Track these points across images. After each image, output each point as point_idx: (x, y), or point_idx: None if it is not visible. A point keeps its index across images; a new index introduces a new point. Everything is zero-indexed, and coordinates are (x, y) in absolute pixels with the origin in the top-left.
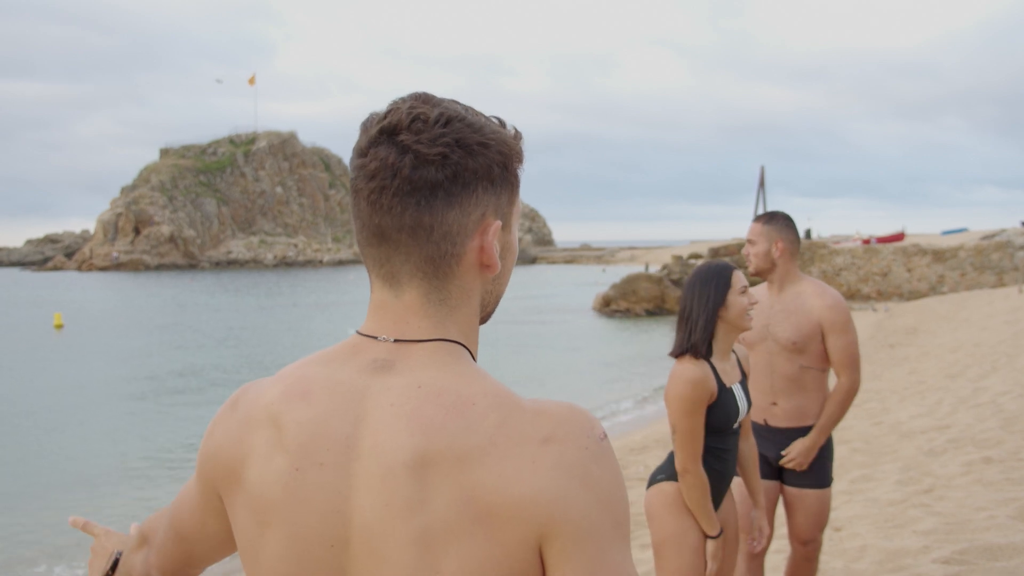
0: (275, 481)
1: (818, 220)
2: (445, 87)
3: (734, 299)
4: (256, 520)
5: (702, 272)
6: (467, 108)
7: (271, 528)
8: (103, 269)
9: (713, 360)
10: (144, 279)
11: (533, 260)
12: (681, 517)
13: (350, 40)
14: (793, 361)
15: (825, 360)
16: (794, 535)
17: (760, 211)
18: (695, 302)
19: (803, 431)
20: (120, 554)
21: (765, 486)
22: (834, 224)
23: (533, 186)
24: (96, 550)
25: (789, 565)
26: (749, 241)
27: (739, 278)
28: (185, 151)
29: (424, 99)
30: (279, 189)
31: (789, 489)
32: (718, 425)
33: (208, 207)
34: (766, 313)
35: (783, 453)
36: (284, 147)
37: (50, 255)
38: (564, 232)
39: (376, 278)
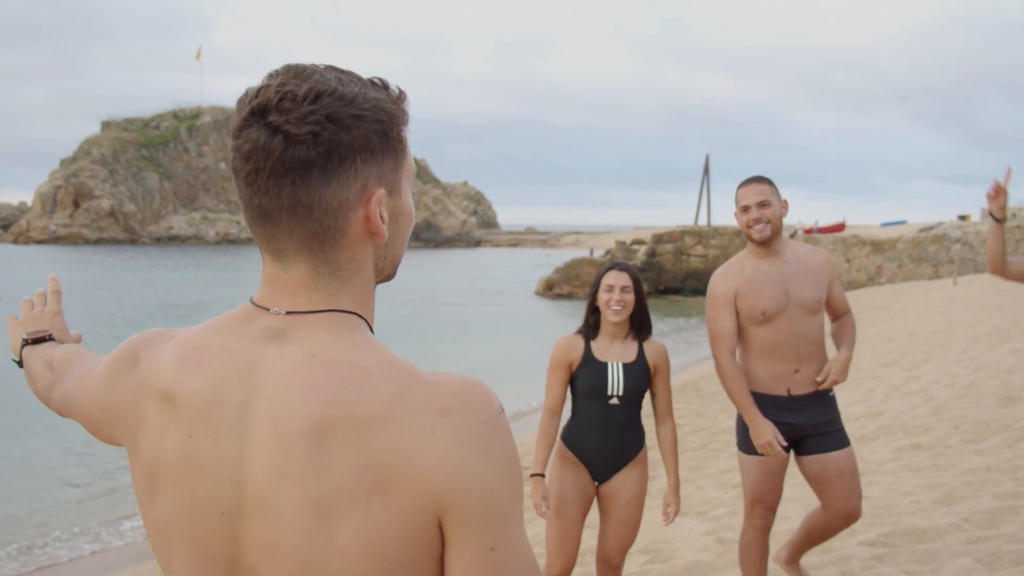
0: (167, 446)
1: None
2: (384, 66)
3: (600, 295)
4: (148, 482)
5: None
6: (341, 78)
7: (162, 491)
8: (40, 242)
9: (594, 339)
10: (83, 253)
11: (478, 243)
12: (557, 469)
13: (288, 16)
14: (814, 323)
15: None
16: (834, 509)
17: (705, 199)
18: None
19: (823, 393)
20: (51, 337)
21: (780, 459)
22: None
23: (479, 168)
24: (33, 314)
25: (817, 535)
26: (761, 204)
27: (608, 278)
28: (128, 124)
29: (296, 72)
30: (223, 165)
31: (815, 458)
32: (584, 390)
33: (150, 182)
34: (780, 281)
35: (818, 380)
36: (229, 123)
37: None
38: (509, 215)
39: (265, 253)
